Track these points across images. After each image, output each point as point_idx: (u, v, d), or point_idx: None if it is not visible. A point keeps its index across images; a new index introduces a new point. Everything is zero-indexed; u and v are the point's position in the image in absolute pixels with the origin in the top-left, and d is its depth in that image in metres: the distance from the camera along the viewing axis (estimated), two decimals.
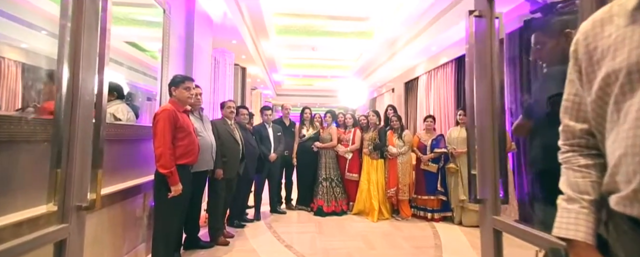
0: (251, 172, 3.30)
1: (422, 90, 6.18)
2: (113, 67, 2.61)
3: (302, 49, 7.49)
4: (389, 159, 3.70)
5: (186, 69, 3.33)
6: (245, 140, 3.18)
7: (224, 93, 3.95)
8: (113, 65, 2.64)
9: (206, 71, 3.73)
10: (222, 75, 3.89)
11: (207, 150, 2.52)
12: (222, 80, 3.88)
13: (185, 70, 3.32)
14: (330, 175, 3.94)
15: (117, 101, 2.40)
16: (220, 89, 3.84)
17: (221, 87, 3.87)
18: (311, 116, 4.15)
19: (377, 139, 3.74)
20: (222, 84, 3.90)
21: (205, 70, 3.72)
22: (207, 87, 3.87)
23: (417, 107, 6.34)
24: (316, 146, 3.99)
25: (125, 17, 2.56)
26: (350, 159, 3.91)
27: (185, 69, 3.33)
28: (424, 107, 6.04)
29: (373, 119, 3.85)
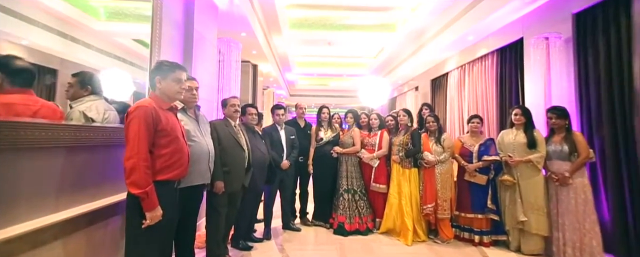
0: (260, 183, 2.76)
1: (453, 88, 5.48)
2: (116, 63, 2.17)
3: (317, 44, 6.94)
4: (424, 168, 3.06)
5: (185, 61, 2.84)
6: (253, 145, 2.64)
7: (228, 90, 3.44)
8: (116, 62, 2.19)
9: (209, 64, 3.23)
10: (226, 69, 3.38)
11: (203, 158, 1.99)
12: (226, 75, 3.37)
13: (184, 62, 2.83)
14: (353, 186, 3.34)
15: (92, 97, 1.91)
16: (225, 86, 3.33)
17: (225, 83, 3.35)
18: (329, 116, 3.57)
19: (409, 143, 3.12)
20: (226, 79, 3.38)
21: (209, 63, 3.22)
22: (213, 84, 3.37)
23: (447, 107, 5.65)
24: (336, 151, 3.41)
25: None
26: (376, 167, 3.30)
27: (184, 61, 2.83)
28: (456, 106, 5.34)
29: (403, 119, 3.23)
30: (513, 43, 3.94)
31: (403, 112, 3.25)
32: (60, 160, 1.51)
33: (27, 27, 1.61)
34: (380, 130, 3.42)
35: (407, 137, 3.16)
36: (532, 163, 2.64)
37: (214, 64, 3.28)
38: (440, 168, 3.03)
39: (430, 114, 3.24)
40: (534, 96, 3.34)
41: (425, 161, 3.04)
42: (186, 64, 2.82)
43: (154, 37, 2.30)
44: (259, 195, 2.88)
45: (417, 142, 3.10)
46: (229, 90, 3.49)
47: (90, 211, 1.63)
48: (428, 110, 3.62)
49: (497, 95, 4.17)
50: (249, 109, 2.81)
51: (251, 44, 5.03)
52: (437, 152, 3.06)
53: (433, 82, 6.39)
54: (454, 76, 5.46)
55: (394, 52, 7.11)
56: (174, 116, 1.66)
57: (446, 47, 5.08)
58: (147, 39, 2.31)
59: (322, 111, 3.54)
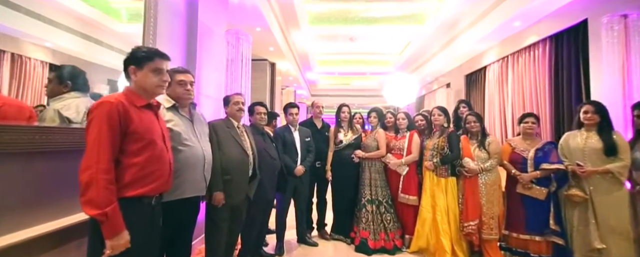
0: (269, 193, 2.40)
1: (492, 83, 4.83)
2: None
3: (338, 40, 6.53)
4: (465, 177, 2.55)
5: (188, 56, 2.55)
6: (261, 149, 2.30)
7: (237, 88, 3.12)
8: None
9: (217, 60, 2.94)
10: (233, 65, 3.07)
11: (197, 166, 1.66)
12: (234, 71, 3.06)
13: (187, 57, 2.55)
14: (377, 196, 2.89)
15: (73, 94, 1.67)
16: (232, 83, 3.01)
17: (233, 80, 3.04)
18: (350, 116, 3.15)
19: (445, 148, 2.62)
20: (234, 76, 3.07)
21: (216, 58, 2.93)
22: (221, 81, 3.09)
23: (485, 105, 5.00)
24: (357, 155, 2.98)
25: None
26: (405, 174, 2.83)
27: (187, 56, 2.55)
28: (496, 104, 4.69)
29: (439, 119, 2.73)
30: (572, 27, 3.29)
31: (438, 110, 2.75)
32: (25, 168, 1.25)
33: (51, 29, 1.64)
34: (409, 131, 2.95)
35: (442, 140, 2.66)
36: (612, 174, 2.05)
37: (222, 60, 2.99)
38: (485, 178, 2.50)
39: (471, 113, 2.72)
40: (607, 90, 2.70)
41: (465, 169, 2.52)
42: (190, 59, 2.54)
43: (147, 26, 2.02)
44: (269, 205, 2.52)
45: (456, 147, 2.59)
46: (238, 89, 3.18)
47: (56, 229, 1.36)
48: (466, 108, 3.08)
49: (551, 90, 3.52)
50: (257, 108, 2.47)
51: (267, 40, 4.74)
52: (481, 159, 2.53)
53: (467, 78, 5.74)
54: (493, 70, 4.81)
55: (422, 47, 6.52)
56: (152, 116, 1.33)
57: (484, 37, 4.46)
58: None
59: (342, 110, 3.12)
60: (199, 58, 2.60)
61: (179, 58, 2.45)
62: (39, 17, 1.65)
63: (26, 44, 1.78)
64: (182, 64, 2.47)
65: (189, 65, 2.53)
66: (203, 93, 2.65)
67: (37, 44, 1.63)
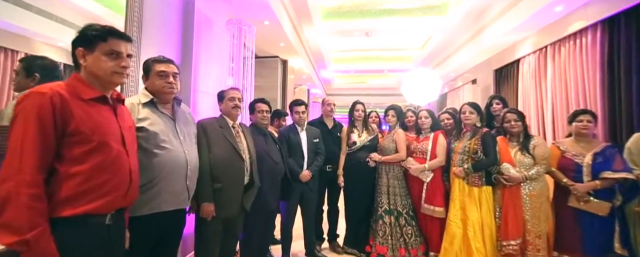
0: (272, 202, 2.09)
1: (527, 77, 4.29)
2: None
3: (353, 35, 6.16)
4: (503, 186, 2.13)
5: (184, 48, 2.30)
6: (262, 152, 2.00)
7: (237, 83, 2.84)
8: None
9: (217, 52, 2.67)
10: (235, 58, 2.79)
11: (177, 173, 1.38)
12: (234, 64, 2.77)
13: (183, 49, 2.30)
14: (396, 206, 2.52)
15: None
16: (233, 78, 2.73)
17: (234, 75, 2.76)
18: (365, 115, 2.79)
19: (479, 151, 2.20)
20: (235, 70, 2.78)
21: (217, 51, 2.67)
22: (223, 77, 2.83)
23: (519, 102, 4.46)
24: (373, 158, 2.62)
25: None
26: (428, 181, 2.44)
27: (183, 48, 2.30)
28: (532, 102, 4.15)
29: (470, 118, 2.31)
30: (630, 8, 2.76)
31: (469, 107, 2.34)
32: None
33: (63, 28, 1.61)
34: (433, 132, 2.55)
35: (475, 142, 2.24)
36: None
37: (223, 53, 2.72)
38: (530, 188, 2.07)
39: (511, 110, 2.28)
40: None
41: (504, 177, 2.10)
42: (186, 51, 2.29)
43: (129, 15, 1.77)
44: (272, 215, 2.21)
45: (492, 150, 2.17)
46: (238, 85, 2.89)
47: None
48: (500, 104, 2.63)
49: (603, 84, 2.99)
50: (258, 105, 2.17)
51: (277, 35, 4.46)
52: (524, 165, 2.10)
53: (497, 73, 5.19)
54: (528, 63, 4.27)
55: (445, 40, 6.01)
56: (107, 111, 1.05)
57: (517, 26, 3.95)
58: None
59: (355, 108, 2.77)
60: (196, 50, 2.35)
61: (174, 50, 2.20)
62: (51, 17, 1.63)
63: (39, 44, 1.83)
64: (177, 58, 2.23)
65: (185, 58, 2.28)
66: (200, 89, 2.40)
67: (50, 43, 1.62)
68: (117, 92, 1.11)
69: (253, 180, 1.80)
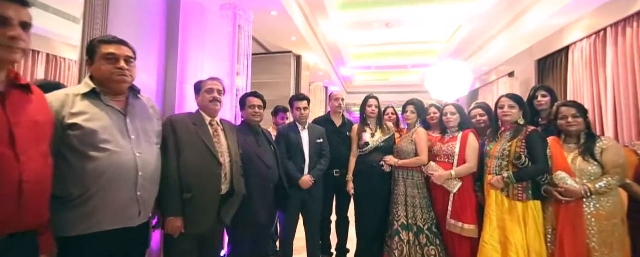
0: (262, 214, 1.77)
1: (579, 68, 3.62)
2: None
3: (373, 27, 5.71)
4: (557, 202, 1.63)
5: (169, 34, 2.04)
6: (252, 154, 1.70)
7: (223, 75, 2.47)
8: None
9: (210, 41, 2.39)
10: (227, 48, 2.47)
11: (122, 181, 1.09)
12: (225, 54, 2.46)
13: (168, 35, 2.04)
14: (416, 220, 2.09)
15: None
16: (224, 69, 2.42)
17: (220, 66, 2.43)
18: (379, 111, 2.38)
19: (523, 155, 1.72)
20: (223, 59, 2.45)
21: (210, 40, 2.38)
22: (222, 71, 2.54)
23: (568, 97, 3.79)
24: (388, 162, 2.22)
25: None
26: (456, 192, 1.99)
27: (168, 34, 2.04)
28: (586, 96, 3.49)
29: (510, 113, 1.83)
30: None
31: (509, 100, 1.85)
32: None
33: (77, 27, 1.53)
34: (461, 131, 2.09)
35: (518, 143, 1.76)
36: None
37: (218, 42, 2.43)
38: (596, 205, 1.56)
39: (568, 103, 1.76)
40: None
41: (559, 190, 1.61)
42: (171, 38, 2.02)
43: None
44: (263, 230, 1.88)
45: (541, 154, 1.68)
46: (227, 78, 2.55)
47: None
48: (548, 97, 2.11)
49: None
50: (249, 100, 1.87)
51: (287, 27, 4.15)
52: (587, 174, 1.59)
53: (540, 64, 4.50)
54: (581, 50, 3.60)
55: (477, 29, 5.38)
56: None
57: (566, 7, 3.32)
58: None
59: (368, 103, 2.37)
60: (183, 38, 2.08)
61: (155, 37, 1.94)
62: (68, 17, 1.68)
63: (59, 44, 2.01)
64: (161, 47, 1.97)
65: (170, 47, 2.02)
66: (189, 82, 2.12)
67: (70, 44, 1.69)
68: (15, 72, 0.83)
69: (234, 188, 1.48)
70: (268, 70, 5.27)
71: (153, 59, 1.88)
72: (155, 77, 1.90)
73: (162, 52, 1.97)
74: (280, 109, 2.79)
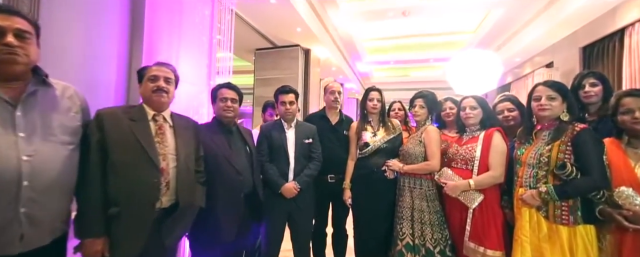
0: (226, 231, 1.44)
1: (637, 55, 2.98)
2: None
3: (388, 16, 5.24)
4: (621, 229, 1.17)
5: (133, 19, 1.79)
6: (219, 157, 1.41)
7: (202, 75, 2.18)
8: None
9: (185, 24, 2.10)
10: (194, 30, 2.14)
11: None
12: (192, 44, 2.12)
13: (131, 21, 1.79)
14: (424, 240, 1.69)
15: None
16: (180, 53, 2.09)
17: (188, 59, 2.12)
18: (382, 106, 2.00)
19: (569, 163, 1.27)
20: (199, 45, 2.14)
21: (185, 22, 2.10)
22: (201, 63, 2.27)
23: (624, 88, 3.14)
24: (391, 167, 1.83)
25: None
26: (476, 207, 1.57)
27: (131, 19, 1.79)
28: None
29: (549, 106, 1.38)
30: None
31: (548, 89, 1.40)
32: None
33: None
34: (484, 130, 1.66)
35: (560, 146, 1.31)
36: None
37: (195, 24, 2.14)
38: None
39: (633, 92, 1.29)
40: None
41: (625, 212, 1.15)
42: (135, 22, 1.77)
43: None
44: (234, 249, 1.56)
45: (595, 161, 1.23)
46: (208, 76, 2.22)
47: None
48: (599, 86, 1.60)
49: None
50: (221, 92, 1.57)
51: (290, 18, 3.83)
52: None
53: (585, 52, 3.84)
54: (638, 32, 2.96)
55: (507, 16, 4.75)
56: None
57: None
58: None
59: (369, 96, 1.99)
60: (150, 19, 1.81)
61: (115, 16, 1.68)
62: None
63: None
64: (123, 29, 1.72)
65: (135, 30, 1.75)
66: None
67: None
68: None
69: (178, 201, 1.17)
70: (275, 65, 5.01)
71: (111, 44, 1.63)
72: (114, 67, 1.65)
73: (125, 36, 1.71)
74: (269, 105, 2.49)
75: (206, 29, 2.07)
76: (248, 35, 4.44)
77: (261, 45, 4.96)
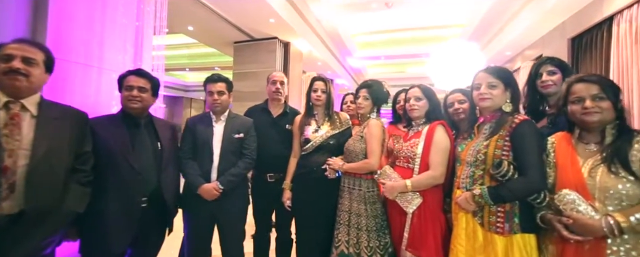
0: (115, 241, 1.25)
1: (626, 44, 2.74)
2: None
3: (371, 8, 5.02)
4: (563, 241, 0.98)
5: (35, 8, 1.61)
6: (116, 154, 1.25)
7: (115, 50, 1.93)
8: None
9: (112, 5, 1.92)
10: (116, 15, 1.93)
11: None
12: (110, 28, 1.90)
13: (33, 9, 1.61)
14: (359, 247, 1.51)
15: None
16: (104, 33, 1.89)
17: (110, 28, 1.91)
18: (328, 98, 1.81)
19: (506, 162, 1.07)
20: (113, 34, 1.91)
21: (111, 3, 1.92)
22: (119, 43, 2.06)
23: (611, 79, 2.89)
24: (331, 165, 1.65)
25: None
26: (414, 212, 1.38)
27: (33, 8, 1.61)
28: (635, 79, 2.61)
29: (489, 96, 1.18)
30: None
31: (488, 76, 1.20)
32: None
33: None
34: (429, 124, 1.46)
35: (497, 142, 1.12)
36: None
37: (118, 12, 1.94)
38: (633, 252, 0.89)
39: (586, 78, 1.07)
40: None
41: (564, 218, 0.96)
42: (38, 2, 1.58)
43: None
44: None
45: (533, 159, 1.04)
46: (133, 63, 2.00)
47: None
48: (558, 74, 1.38)
49: None
50: (127, 80, 1.40)
51: (259, 7, 3.63)
52: (615, 196, 0.92)
53: (573, 43, 3.58)
54: (627, 20, 2.71)
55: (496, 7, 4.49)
56: None
57: None
58: None
59: (313, 87, 1.80)
60: None
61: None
62: None
63: None
64: (28, 8, 1.54)
65: (37, 7, 1.56)
66: (73, 55, 1.68)
67: None
68: None
69: (25, 207, 0.99)
70: (253, 58, 4.82)
71: (5, 26, 1.46)
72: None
73: (25, 10, 1.53)
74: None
75: (132, 11, 1.89)
76: (222, 27, 4.26)
77: (238, 39, 4.79)
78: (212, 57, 7.39)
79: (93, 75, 1.78)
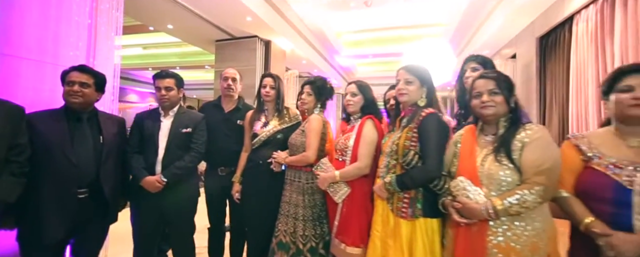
0: (50, 231, 1.29)
1: (583, 42, 2.81)
2: None
3: (350, 6, 5.07)
4: (456, 225, 1.05)
5: None
6: (52, 148, 1.31)
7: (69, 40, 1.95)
8: None
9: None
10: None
11: None
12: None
13: None
14: (296, 236, 1.57)
15: None
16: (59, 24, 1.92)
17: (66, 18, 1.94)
18: (278, 94, 1.87)
19: (411, 150, 1.14)
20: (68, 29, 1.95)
21: None
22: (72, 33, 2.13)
23: (571, 81, 2.97)
24: (276, 158, 1.71)
25: None
26: (343, 201, 1.45)
27: None
28: (590, 77, 2.69)
29: (405, 91, 1.25)
30: None
31: (405, 73, 1.28)
32: None
33: None
34: (362, 117, 1.53)
35: (407, 133, 1.19)
36: None
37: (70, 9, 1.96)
38: (508, 233, 0.95)
39: (485, 75, 1.14)
40: None
41: (455, 206, 1.03)
42: None
43: None
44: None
45: (432, 148, 1.11)
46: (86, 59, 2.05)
47: None
48: (482, 69, 1.45)
49: None
50: (70, 75, 1.45)
51: (234, 5, 3.68)
52: (498, 182, 0.99)
53: (541, 42, 3.65)
54: (585, 20, 2.78)
55: (472, 5, 4.56)
56: None
57: None
58: None
59: (262, 84, 1.87)
60: None
61: None
62: None
63: None
64: None
65: None
66: (23, 50, 1.72)
67: None
68: None
69: None
70: (233, 57, 4.88)
71: None
72: None
73: None
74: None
75: (84, 9, 1.94)
76: (201, 25, 4.31)
77: (218, 37, 4.84)
78: (203, 56, 7.41)
79: (47, 72, 1.84)
